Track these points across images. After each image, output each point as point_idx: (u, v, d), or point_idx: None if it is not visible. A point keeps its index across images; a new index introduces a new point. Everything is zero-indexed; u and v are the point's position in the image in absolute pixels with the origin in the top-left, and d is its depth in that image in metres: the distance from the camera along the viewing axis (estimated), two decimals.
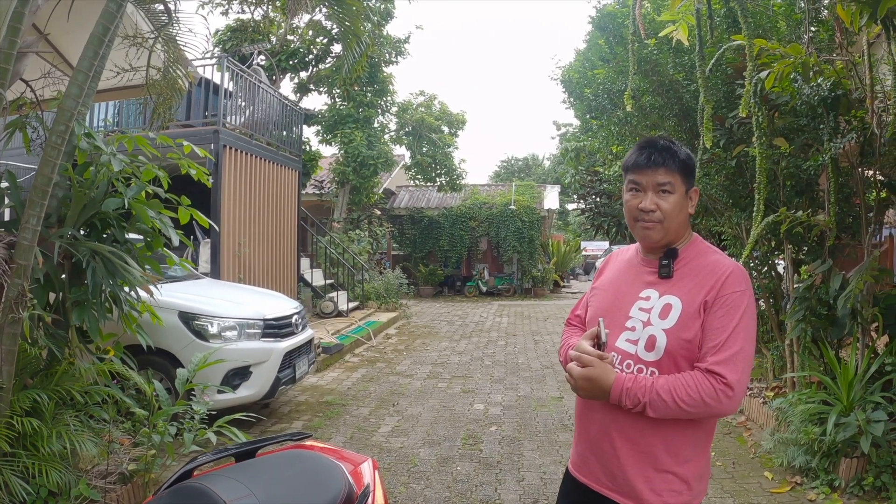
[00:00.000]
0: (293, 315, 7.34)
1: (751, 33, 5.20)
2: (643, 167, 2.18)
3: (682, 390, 2.00)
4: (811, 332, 6.06)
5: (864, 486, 4.99)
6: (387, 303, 16.97)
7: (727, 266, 2.13)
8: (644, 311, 2.18)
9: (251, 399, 6.53)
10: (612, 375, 2.06)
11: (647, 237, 2.21)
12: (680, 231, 2.22)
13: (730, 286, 2.09)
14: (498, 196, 25.61)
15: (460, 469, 5.75)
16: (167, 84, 5.81)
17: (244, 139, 11.17)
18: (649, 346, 2.12)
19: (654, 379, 2.06)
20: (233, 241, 10.60)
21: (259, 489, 2.05)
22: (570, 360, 2.18)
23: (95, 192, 4.46)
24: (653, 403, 2.02)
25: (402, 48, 19.60)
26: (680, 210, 2.18)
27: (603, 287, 2.42)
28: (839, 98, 5.51)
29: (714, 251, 2.24)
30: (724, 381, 1.99)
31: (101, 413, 4.54)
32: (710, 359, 2.03)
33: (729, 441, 6.50)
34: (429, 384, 9.10)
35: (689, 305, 2.10)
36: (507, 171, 56.64)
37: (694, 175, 2.24)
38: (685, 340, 2.08)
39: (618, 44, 7.93)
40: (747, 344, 2.05)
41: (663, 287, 2.19)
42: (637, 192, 2.21)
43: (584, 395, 2.15)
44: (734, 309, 2.06)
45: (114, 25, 4.07)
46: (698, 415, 2.04)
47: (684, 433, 2.12)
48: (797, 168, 6.28)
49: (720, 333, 2.04)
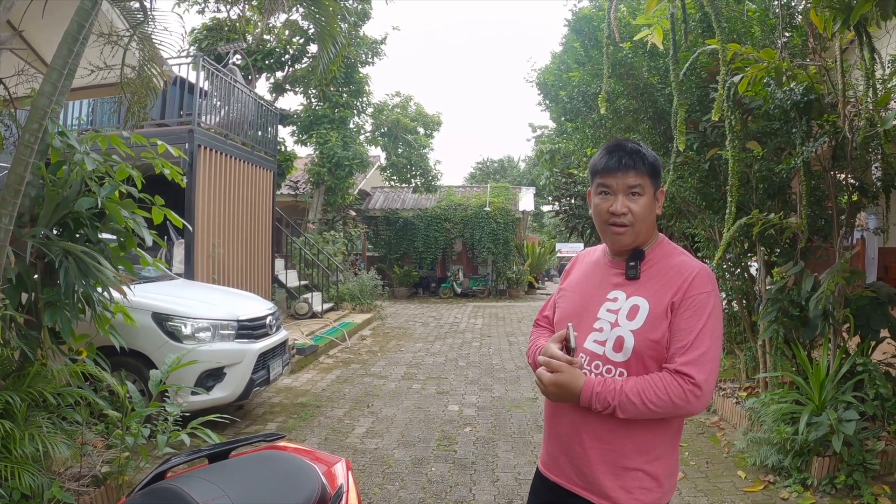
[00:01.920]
0: (267, 316, 7.31)
1: (724, 38, 5.26)
2: (613, 170, 2.18)
3: (651, 392, 2.02)
4: (783, 332, 6.16)
5: (836, 485, 5.08)
6: (361, 304, 16.94)
7: (694, 267, 2.15)
8: (612, 312, 2.19)
9: (225, 400, 6.50)
10: (581, 380, 2.07)
11: (617, 241, 2.22)
12: (648, 233, 2.23)
13: (696, 287, 2.11)
14: (473, 198, 25.67)
15: (435, 470, 5.75)
16: (141, 83, 5.77)
17: (219, 139, 11.11)
18: (617, 347, 2.13)
19: (623, 381, 2.07)
20: (207, 242, 10.54)
21: (232, 490, 2.05)
22: (538, 364, 2.18)
23: (68, 192, 4.43)
24: (622, 406, 2.03)
25: (378, 49, 19.58)
26: (649, 212, 2.19)
27: (570, 288, 2.43)
28: (812, 102, 5.59)
29: (681, 252, 2.26)
30: (693, 382, 2.01)
31: (73, 415, 4.50)
32: (678, 359, 2.05)
33: (702, 441, 6.56)
34: (403, 385, 9.10)
35: (657, 306, 2.12)
36: (483, 172, 56.74)
37: (661, 176, 2.25)
38: (652, 341, 2.10)
39: (593, 47, 7.98)
40: (714, 344, 2.07)
41: (630, 288, 2.20)
42: (607, 195, 2.21)
43: (553, 399, 2.17)
44: (701, 310, 2.08)
45: (88, 23, 4.05)
46: (668, 415, 2.07)
47: (653, 432, 2.14)
48: (770, 171, 6.36)
49: (687, 334, 2.06)
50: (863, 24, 4.11)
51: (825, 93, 5.64)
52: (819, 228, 6.36)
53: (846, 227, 6.01)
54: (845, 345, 5.88)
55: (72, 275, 4.21)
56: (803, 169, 5.79)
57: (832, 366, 5.66)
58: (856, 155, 5.67)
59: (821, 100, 5.62)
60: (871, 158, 5.91)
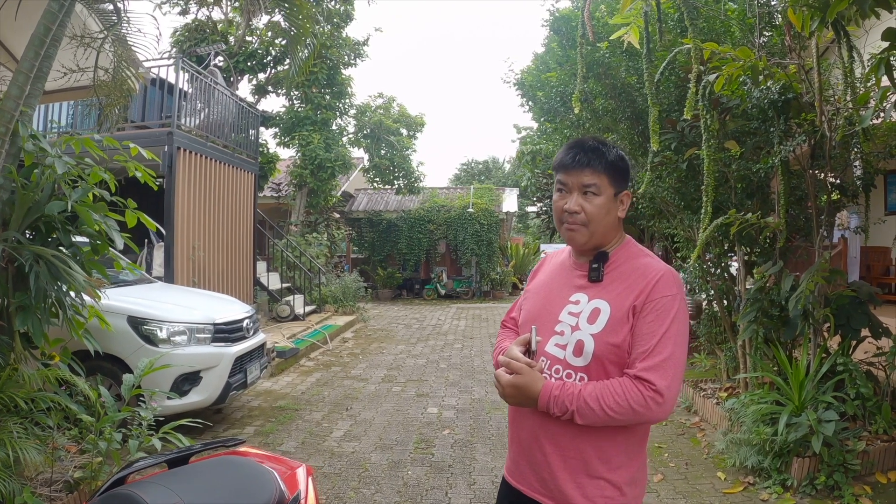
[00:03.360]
0: (244, 319, 7.28)
1: (697, 34, 5.26)
2: (569, 167, 2.15)
3: (610, 398, 1.96)
4: (763, 332, 6.16)
5: (816, 486, 5.07)
6: (344, 306, 16.88)
7: (658, 270, 2.10)
8: (573, 315, 2.14)
9: (202, 405, 6.46)
10: (539, 383, 2.04)
11: (571, 239, 2.19)
12: (608, 234, 2.18)
13: (660, 290, 2.05)
14: (457, 199, 25.62)
15: (411, 473, 5.74)
16: (115, 85, 5.74)
17: (199, 141, 11.06)
18: (577, 352, 2.08)
19: (581, 386, 2.02)
20: (187, 245, 10.49)
21: (188, 495, 2.04)
22: (500, 365, 2.17)
23: (40, 195, 4.40)
24: (581, 411, 1.98)
25: (361, 50, 19.57)
26: (606, 213, 2.14)
27: (535, 290, 2.39)
28: (790, 101, 5.58)
29: (646, 254, 2.21)
30: (654, 388, 1.96)
31: (46, 420, 4.48)
32: (639, 365, 1.99)
33: (682, 442, 6.57)
34: (383, 388, 9.08)
35: (618, 310, 2.06)
36: (468, 173, 56.71)
37: (625, 178, 2.20)
38: (613, 346, 2.04)
39: (571, 47, 8.00)
40: (677, 349, 2.02)
41: (593, 291, 2.15)
42: (563, 192, 2.18)
43: (511, 402, 2.14)
44: (664, 314, 2.02)
45: (55, 25, 4.02)
46: (628, 422, 2.01)
47: (615, 439, 2.09)
48: (748, 171, 6.35)
49: (649, 339, 2.01)
50: (840, 23, 4.10)
51: (804, 92, 5.65)
52: (799, 228, 6.37)
53: (826, 226, 6.00)
54: (825, 344, 5.89)
55: (43, 279, 4.18)
56: (781, 168, 5.80)
57: (812, 366, 5.66)
58: (834, 154, 5.68)
59: (799, 99, 5.62)
60: (850, 157, 5.92)
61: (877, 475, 5.29)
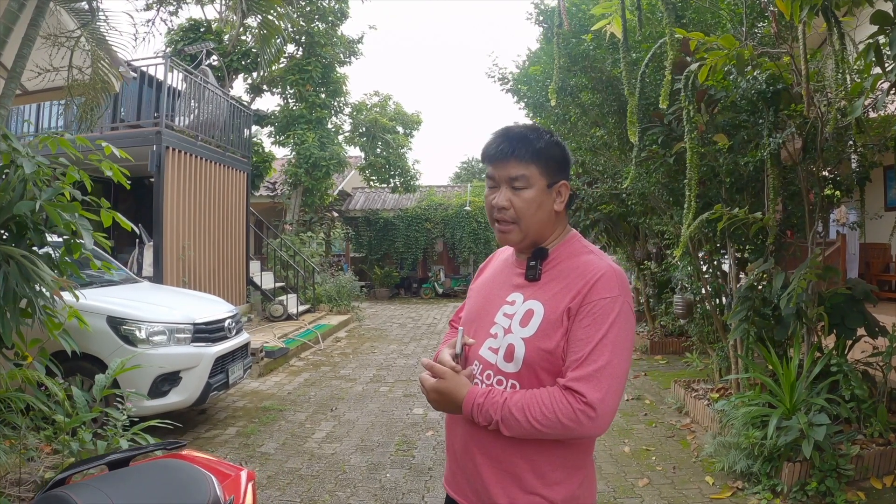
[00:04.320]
0: (226, 319, 7.21)
1: (671, 21, 5.17)
2: (494, 158, 1.97)
3: (537, 409, 1.80)
4: (755, 332, 6.01)
5: (807, 491, 4.88)
6: (339, 305, 16.85)
7: (599, 268, 1.90)
8: (507, 316, 1.97)
9: (181, 405, 6.40)
10: (463, 390, 1.90)
11: (504, 240, 2.02)
12: (545, 230, 2.00)
13: (598, 291, 1.85)
14: (454, 197, 25.61)
15: (389, 476, 5.66)
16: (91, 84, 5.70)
17: (189, 140, 11.04)
18: (508, 357, 1.92)
19: (508, 395, 1.86)
20: (177, 244, 10.48)
21: (121, 497, 2.04)
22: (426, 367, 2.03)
23: (12, 195, 4.37)
24: (506, 421, 1.83)
25: (355, 48, 19.58)
26: (539, 207, 1.95)
27: (476, 289, 2.22)
28: (780, 92, 5.45)
29: (590, 251, 2.01)
30: (584, 401, 1.77)
31: (16, 419, 4.45)
32: (571, 374, 1.81)
33: (672, 444, 6.45)
34: (370, 388, 9.02)
35: (552, 312, 1.88)
36: (468, 172, 56.58)
37: (562, 167, 2.00)
38: (545, 351, 1.87)
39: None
40: (616, 358, 1.82)
41: (529, 291, 1.97)
42: (493, 187, 2.00)
43: (436, 407, 1.99)
44: (602, 318, 1.83)
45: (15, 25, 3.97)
46: (558, 436, 1.84)
47: (551, 453, 1.92)
48: (736, 164, 6.22)
49: (584, 345, 1.82)
50: (831, 10, 3.99)
51: (794, 83, 5.50)
52: (792, 224, 6.27)
53: (819, 221, 5.88)
54: (818, 344, 5.77)
55: (13, 279, 4.15)
56: (770, 161, 5.64)
57: (805, 366, 5.51)
58: (827, 147, 5.54)
59: (789, 90, 5.48)
60: (843, 150, 5.80)
61: (871, 480, 5.11)
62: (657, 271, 11.66)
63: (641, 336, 11.71)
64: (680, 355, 10.27)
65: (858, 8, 3.99)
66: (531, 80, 8.44)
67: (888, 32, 3.71)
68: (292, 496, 5.22)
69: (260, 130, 19.84)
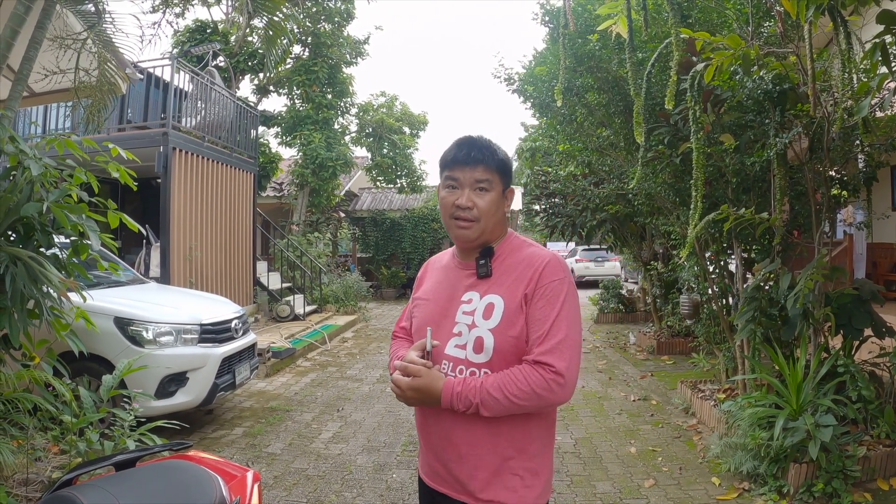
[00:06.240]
0: (233, 319, 7.23)
1: (677, 21, 5.15)
2: (462, 163, 2.17)
3: (513, 385, 1.99)
4: (762, 332, 5.99)
5: (814, 493, 4.87)
6: (346, 306, 16.84)
7: (544, 257, 2.15)
8: (468, 314, 2.16)
9: (188, 406, 6.42)
10: (440, 382, 2.07)
11: (462, 236, 2.20)
12: (496, 230, 2.23)
13: (547, 276, 2.10)
14: None
15: (396, 476, 5.67)
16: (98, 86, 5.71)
17: (195, 141, 11.07)
18: (477, 348, 2.11)
19: (483, 378, 2.05)
20: (184, 245, 10.50)
21: (126, 499, 2.04)
22: (395, 369, 2.19)
23: (19, 197, 4.39)
24: (485, 403, 2.01)
25: (361, 49, 19.59)
26: (496, 209, 2.19)
27: (425, 296, 2.38)
28: (786, 92, 5.44)
29: (529, 245, 2.25)
30: (554, 370, 1.99)
31: (23, 420, 4.47)
32: (536, 350, 2.03)
33: (678, 445, 6.42)
34: (377, 388, 9.02)
35: (511, 301, 2.10)
36: None
37: (511, 175, 2.26)
38: (512, 337, 2.07)
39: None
40: (571, 331, 2.07)
41: (483, 287, 2.18)
42: (454, 188, 2.20)
43: (414, 404, 2.17)
44: (554, 298, 2.07)
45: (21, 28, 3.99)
46: (534, 408, 2.05)
47: (526, 429, 2.13)
48: (742, 164, 6.19)
49: (543, 324, 2.05)
50: (837, 9, 3.98)
51: (801, 83, 5.46)
52: (799, 224, 6.24)
53: (826, 221, 5.85)
54: (825, 345, 5.74)
55: (20, 280, 4.16)
56: (776, 161, 5.62)
57: (812, 367, 5.47)
58: (833, 146, 5.52)
59: (795, 89, 5.45)
60: (850, 150, 5.78)
61: (878, 482, 5.09)
62: (664, 271, 11.64)
63: (648, 336, 11.69)
64: (686, 356, 10.25)
65: (865, 7, 3.99)
66: (537, 81, 8.41)
67: (895, 32, 3.70)
68: (298, 496, 5.23)
69: (266, 131, 19.86)
